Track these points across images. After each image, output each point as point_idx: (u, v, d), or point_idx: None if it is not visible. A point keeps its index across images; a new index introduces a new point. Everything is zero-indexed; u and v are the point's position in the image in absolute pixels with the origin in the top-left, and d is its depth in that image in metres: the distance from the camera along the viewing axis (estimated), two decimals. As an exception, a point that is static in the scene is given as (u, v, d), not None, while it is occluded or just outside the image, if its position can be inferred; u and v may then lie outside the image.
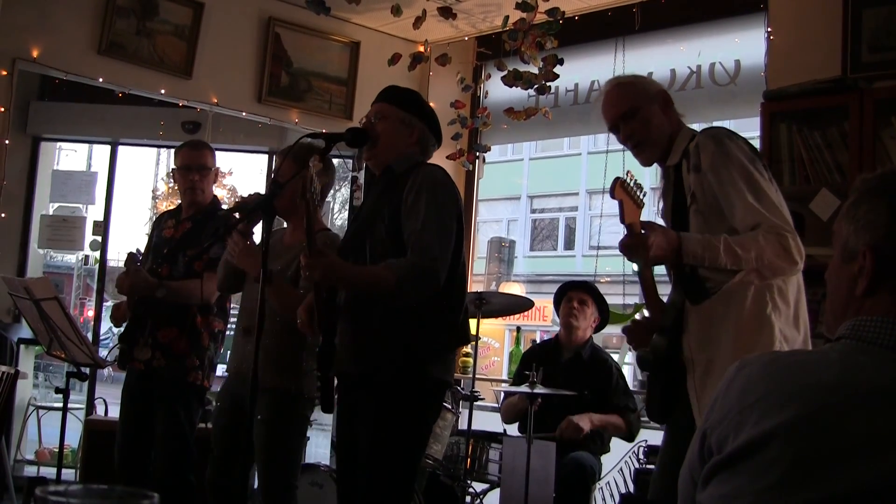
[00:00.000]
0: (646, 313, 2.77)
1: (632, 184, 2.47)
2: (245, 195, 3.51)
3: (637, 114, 2.69)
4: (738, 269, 2.42)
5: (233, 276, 3.48)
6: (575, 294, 4.52)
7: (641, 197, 2.51)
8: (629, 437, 4.38)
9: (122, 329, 3.88)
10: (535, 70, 5.20)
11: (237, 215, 3.45)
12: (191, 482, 3.73)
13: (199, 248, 3.70)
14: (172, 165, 4.13)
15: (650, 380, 2.67)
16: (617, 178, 2.45)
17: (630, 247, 2.45)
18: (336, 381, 2.91)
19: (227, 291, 3.75)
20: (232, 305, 4.05)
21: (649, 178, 3.17)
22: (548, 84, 5.22)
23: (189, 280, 3.77)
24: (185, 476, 3.73)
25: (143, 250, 4.01)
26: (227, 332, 4.04)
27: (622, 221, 2.46)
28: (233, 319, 3.94)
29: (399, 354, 2.76)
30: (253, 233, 3.53)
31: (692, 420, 2.45)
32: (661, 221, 2.73)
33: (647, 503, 2.65)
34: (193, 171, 3.93)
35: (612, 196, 2.45)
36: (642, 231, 2.44)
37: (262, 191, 3.49)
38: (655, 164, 2.79)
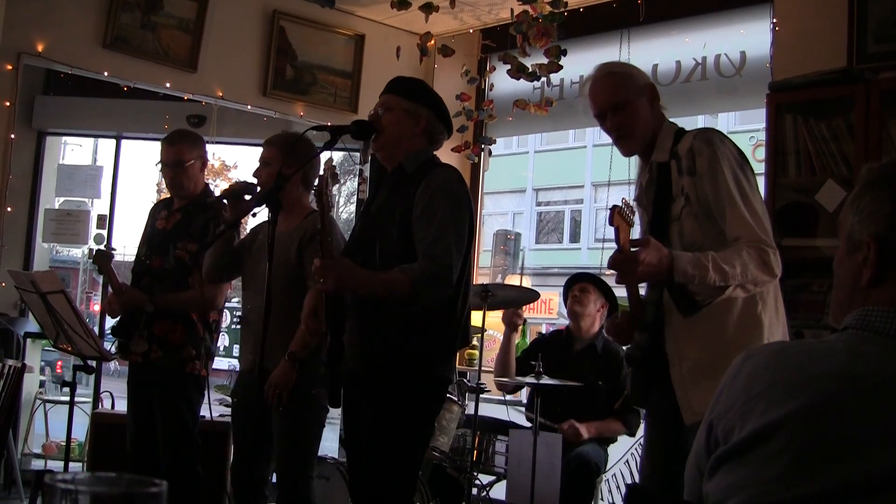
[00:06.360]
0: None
1: (626, 210, 2.52)
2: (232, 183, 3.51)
3: (627, 107, 2.72)
4: (726, 284, 2.48)
5: (219, 267, 3.53)
6: (576, 285, 4.60)
7: (633, 217, 2.57)
8: (630, 434, 4.45)
9: (115, 323, 3.89)
10: (539, 61, 5.19)
11: (225, 201, 3.45)
12: (197, 473, 3.74)
13: (201, 245, 3.70)
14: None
15: (635, 372, 2.78)
16: (614, 207, 2.49)
17: (620, 262, 2.48)
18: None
19: (214, 281, 3.75)
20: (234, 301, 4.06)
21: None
22: (541, 74, 5.20)
23: (181, 293, 3.79)
24: (191, 467, 3.74)
25: (116, 247, 4.03)
26: (233, 327, 4.05)
27: (618, 244, 2.51)
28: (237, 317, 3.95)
29: (405, 355, 2.77)
30: (242, 224, 3.54)
31: (673, 406, 2.54)
32: (634, 205, 2.74)
33: (652, 494, 2.64)
34: (168, 167, 3.91)
35: (611, 223, 2.50)
36: (633, 249, 2.47)
37: (249, 179, 3.52)
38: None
